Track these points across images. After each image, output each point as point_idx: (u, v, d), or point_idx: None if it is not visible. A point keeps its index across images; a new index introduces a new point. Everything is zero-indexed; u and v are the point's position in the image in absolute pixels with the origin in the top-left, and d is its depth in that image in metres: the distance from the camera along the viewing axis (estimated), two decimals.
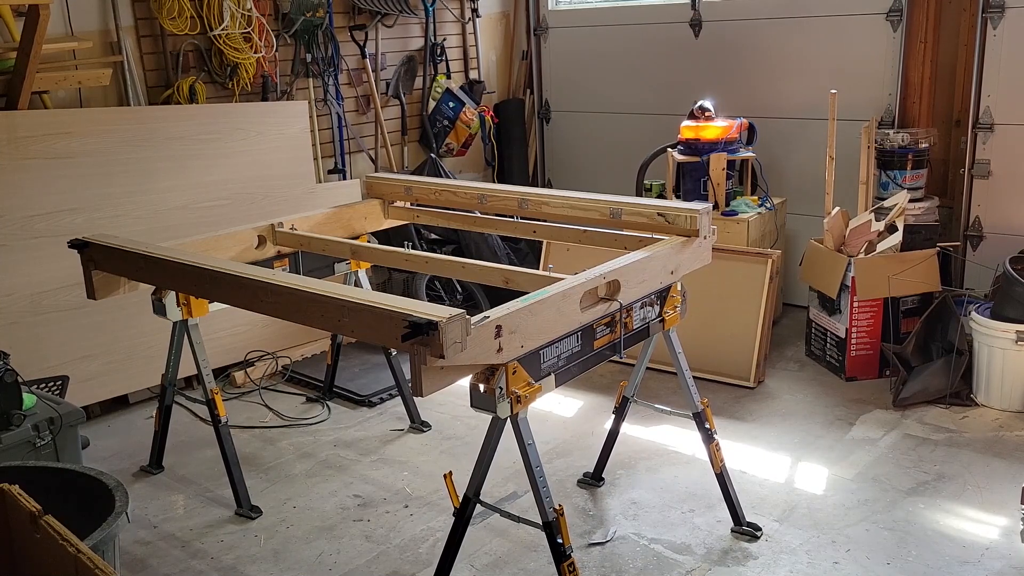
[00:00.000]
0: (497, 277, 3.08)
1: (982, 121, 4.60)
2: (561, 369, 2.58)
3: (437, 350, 2.12)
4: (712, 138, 4.88)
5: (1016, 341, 3.88)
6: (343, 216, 3.77)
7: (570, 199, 3.36)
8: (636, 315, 2.86)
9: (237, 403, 4.39)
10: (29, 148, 3.89)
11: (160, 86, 4.59)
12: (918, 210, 4.60)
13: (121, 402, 4.36)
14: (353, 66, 5.42)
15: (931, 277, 4.32)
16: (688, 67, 5.55)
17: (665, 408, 3.36)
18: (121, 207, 4.17)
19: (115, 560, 2.30)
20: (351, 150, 5.49)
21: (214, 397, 3.33)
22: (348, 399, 4.41)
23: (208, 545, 3.23)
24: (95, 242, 3.13)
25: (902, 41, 4.78)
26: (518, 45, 6.39)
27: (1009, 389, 3.98)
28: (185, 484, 3.66)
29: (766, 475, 3.54)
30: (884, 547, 3.04)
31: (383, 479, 3.65)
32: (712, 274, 3.51)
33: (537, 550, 3.05)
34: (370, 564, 3.08)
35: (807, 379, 4.45)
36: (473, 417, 3.95)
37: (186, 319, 3.29)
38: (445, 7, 5.89)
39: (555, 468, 3.62)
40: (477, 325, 2.25)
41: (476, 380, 2.39)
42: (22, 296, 3.92)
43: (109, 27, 4.37)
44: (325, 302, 2.44)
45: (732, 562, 3.00)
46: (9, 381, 3.00)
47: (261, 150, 4.63)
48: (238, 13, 4.59)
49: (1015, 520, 3.13)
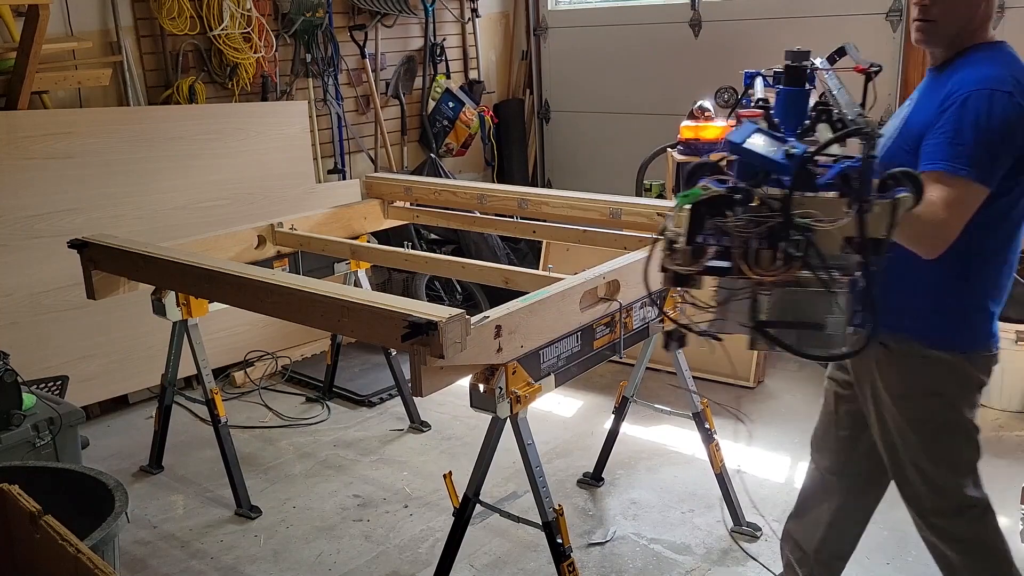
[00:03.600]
0: (497, 277, 3.08)
1: None
2: (561, 369, 2.58)
3: (437, 350, 2.12)
4: (712, 138, 4.87)
5: (1016, 341, 3.88)
6: (343, 216, 3.77)
7: (570, 199, 3.36)
8: (636, 315, 2.87)
9: (237, 403, 4.39)
10: (29, 148, 3.89)
11: (160, 86, 4.58)
12: None
13: (121, 402, 4.36)
14: (353, 66, 5.41)
15: None
16: (688, 67, 5.55)
17: (665, 408, 3.37)
18: (121, 207, 4.17)
19: (115, 560, 2.30)
20: (351, 150, 5.49)
21: (214, 397, 3.33)
22: (348, 399, 4.41)
23: (208, 545, 3.22)
24: (95, 242, 3.13)
25: (902, 41, 4.77)
26: (518, 45, 6.39)
27: (1009, 389, 3.98)
28: (185, 484, 3.66)
29: (766, 475, 3.54)
30: (884, 547, 3.04)
31: (383, 479, 3.65)
32: None
33: (537, 550, 3.05)
34: (370, 564, 3.08)
35: (807, 379, 4.45)
36: (473, 417, 3.95)
37: (186, 319, 3.29)
38: (445, 7, 5.89)
39: (555, 468, 3.62)
40: (477, 325, 2.25)
41: (476, 380, 2.39)
42: (22, 296, 3.92)
43: (109, 27, 4.37)
44: (325, 302, 2.44)
45: (732, 562, 3.00)
46: (9, 381, 3.00)
47: (261, 150, 4.63)
48: (238, 13, 4.59)
49: (1015, 520, 3.12)
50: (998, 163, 1.92)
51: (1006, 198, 1.98)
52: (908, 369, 2.13)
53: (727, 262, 1.52)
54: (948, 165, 1.90)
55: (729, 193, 1.51)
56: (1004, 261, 2.08)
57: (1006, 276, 2.11)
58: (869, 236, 1.49)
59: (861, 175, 1.48)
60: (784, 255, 1.47)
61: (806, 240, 1.47)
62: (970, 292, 2.08)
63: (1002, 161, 1.92)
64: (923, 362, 2.11)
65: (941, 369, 2.10)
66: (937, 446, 2.19)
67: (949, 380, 2.12)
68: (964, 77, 1.98)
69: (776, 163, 1.52)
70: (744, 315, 1.58)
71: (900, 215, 1.54)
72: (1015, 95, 1.91)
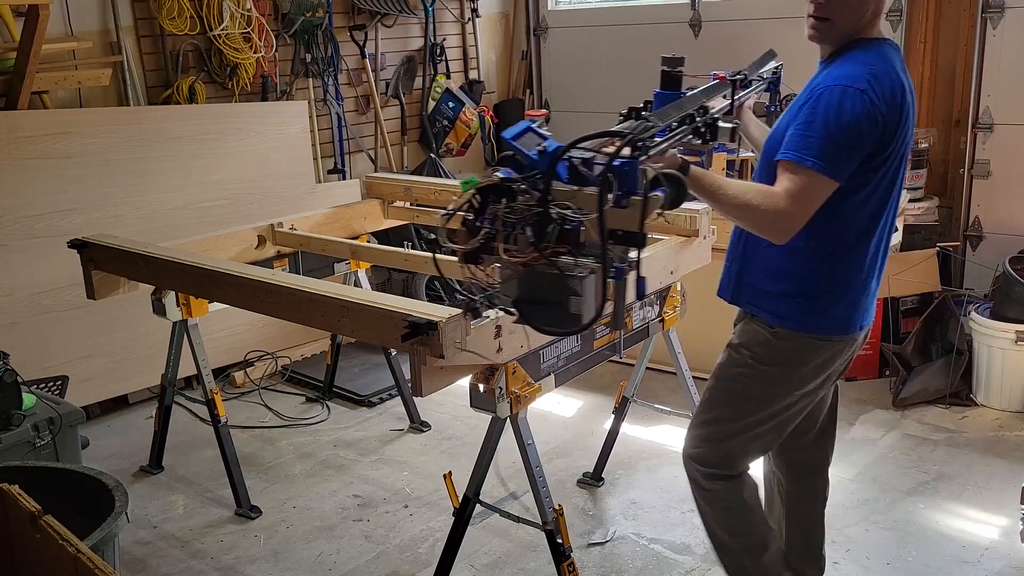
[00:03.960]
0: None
1: (982, 121, 4.60)
2: (561, 369, 2.58)
3: (437, 350, 2.12)
4: None
5: (1016, 341, 3.88)
6: (343, 216, 3.77)
7: None
8: (636, 315, 2.87)
9: (237, 403, 4.38)
10: (29, 148, 3.89)
11: (160, 86, 4.58)
12: (918, 210, 4.60)
13: (121, 402, 4.35)
14: (353, 66, 5.41)
15: (931, 277, 4.32)
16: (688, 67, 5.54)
17: (665, 408, 3.37)
18: (121, 207, 4.17)
19: (115, 560, 2.31)
20: (351, 150, 5.49)
21: (214, 397, 3.32)
22: (348, 399, 4.41)
23: (208, 545, 3.22)
24: (95, 242, 3.13)
25: (902, 41, 4.77)
26: (518, 45, 6.39)
27: (1009, 389, 3.98)
28: (185, 484, 3.66)
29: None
30: (884, 547, 3.04)
31: (383, 479, 3.65)
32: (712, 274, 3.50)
33: (537, 550, 3.05)
34: (370, 564, 3.08)
35: None
36: (473, 417, 3.95)
37: (186, 319, 3.29)
38: (445, 7, 5.89)
39: (555, 468, 3.62)
40: (477, 325, 2.25)
41: (476, 380, 2.39)
42: (22, 296, 3.92)
43: (109, 27, 4.36)
44: (325, 302, 2.44)
45: None
46: (9, 381, 3.00)
47: (261, 150, 4.63)
48: (238, 13, 4.59)
49: (1015, 520, 3.13)
50: (847, 158, 1.99)
51: (858, 194, 2.06)
52: (754, 334, 2.27)
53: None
54: (796, 155, 1.99)
55: (502, 183, 1.68)
56: (862, 254, 2.16)
57: (867, 267, 2.18)
58: (619, 229, 1.63)
59: (607, 173, 1.62)
60: (528, 240, 1.64)
61: (558, 228, 1.62)
62: (822, 279, 2.16)
63: (851, 156, 1.99)
64: (769, 335, 2.23)
65: (782, 345, 2.21)
66: (736, 406, 2.30)
67: (783, 356, 2.22)
68: (829, 74, 2.07)
69: (529, 158, 1.71)
70: (511, 292, 1.73)
71: (650, 212, 1.65)
72: (868, 92, 1.97)
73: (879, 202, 2.12)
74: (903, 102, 2.03)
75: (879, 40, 2.12)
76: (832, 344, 2.22)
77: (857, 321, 2.23)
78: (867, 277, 2.21)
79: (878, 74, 2.01)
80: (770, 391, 2.26)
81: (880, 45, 2.11)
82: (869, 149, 2.01)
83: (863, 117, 1.96)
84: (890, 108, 2.00)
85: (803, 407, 2.31)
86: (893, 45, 2.14)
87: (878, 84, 1.99)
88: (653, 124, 1.84)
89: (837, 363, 2.28)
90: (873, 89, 1.98)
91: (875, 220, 2.14)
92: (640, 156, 1.69)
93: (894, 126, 2.02)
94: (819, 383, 2.28)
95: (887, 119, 2.00)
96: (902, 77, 2.06)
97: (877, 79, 2.00)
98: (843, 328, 2.21)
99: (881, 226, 2.17)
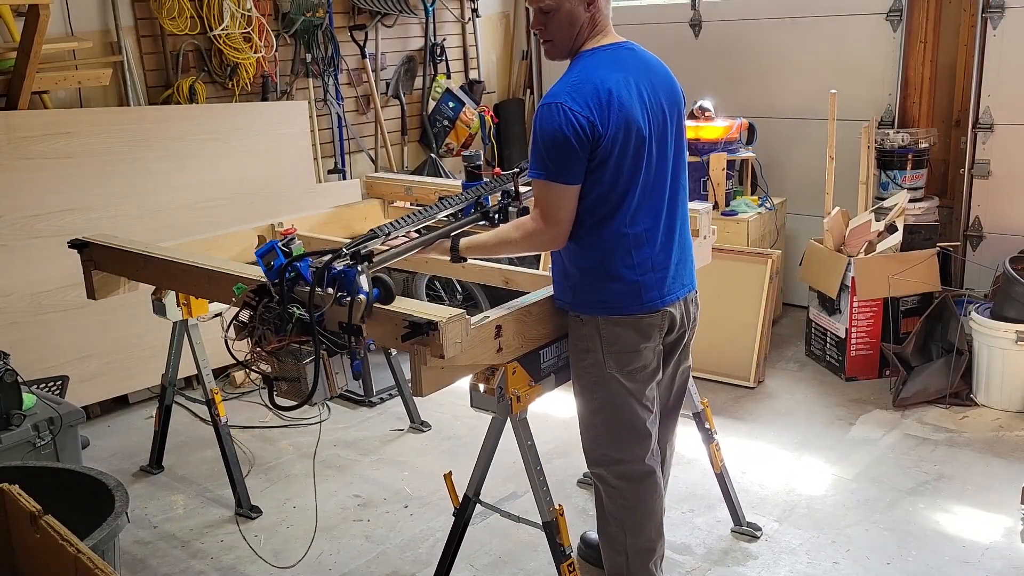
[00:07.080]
0: (497, 277, 3.08)
1: (982, 121, 4.60)
2: (561, 369, 2.58)
3: (437, 350, 2.12)
4: (712, 138, 4.88)
5: (1016, 341, 3.88)
6: (343, 216, 3.77)
7: None
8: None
9: (237, 403, 4.39)
10: (29, 148, 3.89)
11: (160, 86, 4.59)
12: (918, 210, 4.60)
13: (121, 402, 4.36)
14: (353, 66, 5.42)
15: (931, 277, 4.32)
16: (688, 67, 5.54)
17: None
18: (121, 207, 4.17)
19: (115, 560, 2.31)
20: (351, 150, 5.49)
21: (214, 397, 3.32)
22: (348, 399, 4.41)
23: (208, 545, 3.23)
24: (95, 242, 3.13)
25: (902, 41, 4.78)
26: (518, 45, 6.40)
27: (1009, 389, 3.98)
28: (185, 484, 3.66)
29: (766, 475, 3.54)
30: (884, 547, 3.04)
31: (383, 479, 3.65)
32: (712, 274, 3.51)
33: (537, 550, 3.05)
34: (370, 564, 3.08)
35: (807, 379, 4.46)
36: (473, 417, 3.94)
37: (186, 319, 3.29)
38: (445, 7, 5.89)
39: (555, 468, 3.62)
40: (477, 325, 2.25)
41: (476, 380, 2.40)
42: (22, 296, 3.92)
43: (109, 27, 4.37)
44: None
45: (732, 562, 3.00)
46: (9, 381, 3.00)
47: (261, 150, 4.63)
48: (238, 13, 4.59)
49: (1015, 520, 3.13)
50: (569, 163, 2.20)
51: (599, 187, 2.25)
52: (571, 328, 2.46)
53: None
54: (531, 172, 2.27)
55: (259, 289, 2.26)
56: (628, 237, 2.32)
57: (642, 248, 2.34)
58: (342, 321, 2.15)
59: (320, 278, 2.16)
60: (265, 333, 2.21)
61: (295, 322, 2.15)
62: (598, 264, 2.33)
63: (570, 161, 2.20)
64: (576, 322, 2.42)
65: (588, 329, 2.39)
66: (586, 396, 2.49)
67: (594, 339, 2.39)
68: (548, 91, 2.29)
69: (265, 271, 2.24)
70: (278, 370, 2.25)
71: (357, 312, 2.11)
72: (566, 103, 2.17)
73: (625, 186, 2.27)
74: (611, 99, 2.19)
75: (602, 47, 2.32)
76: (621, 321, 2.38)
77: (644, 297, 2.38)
78: (644, 257, 2.35)
79: (579, 82, 2.21)
80: (610, 377, 2.44)
81: (597, 52, 2.31)
82: (588, 148, 2.19)
83: (564, 126, 2.16)
84: (597, 108, 2.18)
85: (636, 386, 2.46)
86: (623, 48, 2.35)
87: (578, 92, 2.19)
88: (380, 234, 2.34)
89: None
90: (573, 98, 2.18)
91: (624, 206, 2.29)
92: (363, 263, 2.17)
93: (607, 121, 2.18)
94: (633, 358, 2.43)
95: (596, 119, 2.17)
96: (614, 77, 2.23)
97: (577, 87, 2.20)
98: (635, 303, 2.37)
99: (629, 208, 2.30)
